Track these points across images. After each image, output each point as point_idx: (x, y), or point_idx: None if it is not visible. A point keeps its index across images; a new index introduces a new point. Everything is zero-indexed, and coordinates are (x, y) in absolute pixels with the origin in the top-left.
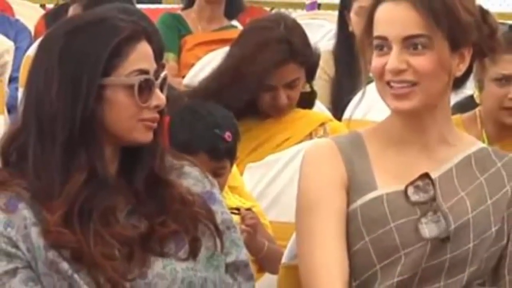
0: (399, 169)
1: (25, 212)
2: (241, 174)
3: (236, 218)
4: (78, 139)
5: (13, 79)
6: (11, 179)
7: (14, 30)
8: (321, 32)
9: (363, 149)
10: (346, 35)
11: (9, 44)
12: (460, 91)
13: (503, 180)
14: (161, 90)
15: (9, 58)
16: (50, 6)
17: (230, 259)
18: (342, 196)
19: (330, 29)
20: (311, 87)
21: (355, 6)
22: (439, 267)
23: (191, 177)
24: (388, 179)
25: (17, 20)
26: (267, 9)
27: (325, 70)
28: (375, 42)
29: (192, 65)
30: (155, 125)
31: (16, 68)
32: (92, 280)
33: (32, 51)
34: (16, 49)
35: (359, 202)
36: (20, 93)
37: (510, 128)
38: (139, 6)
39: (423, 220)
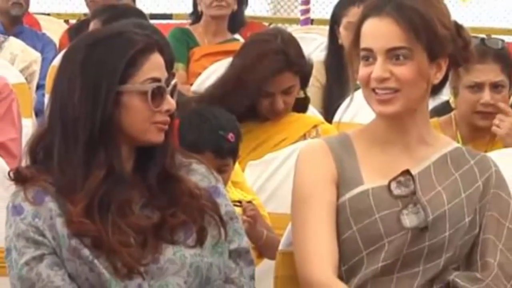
0: (383, 166)
1: (50, 204)
2: (243, 170)
3: (238, 210)
4: (98, 140)
5: (40, 86)
6: (38, 175)
7: (41, 42)
8: (314, 44)
9: (351, 149)
10: (336, 47)
11: (37, 55)
12: (437, 97)
13: (476, 176)
14: (172, 96)
15: (36, 67)
16: (73, 21)
17: (233, 246)
18: (333, 190)
19: (322, 42)
20: (305, 93)
21: (344, 21)
22: (418, 253)
23: (198, 173)
24: (373, 175)
25: (43, 34)
26: (266, 24)
27: (318, 78)
28: (362, 53)
29: (199, 74)
30: (166, 127)
31: (42, 76)
32: (110, 265)
33: (57, 61)
34: (43, 59)
35: (348, 195)
36: (46, 99)
37: (481, 130)
38: (152, 21)
39: (404, 211)
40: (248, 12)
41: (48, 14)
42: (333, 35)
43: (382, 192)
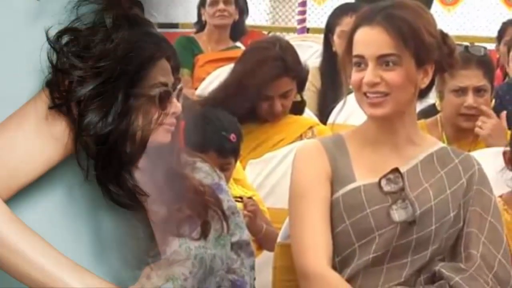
0: (374, 165)
1: None
2: (244, 168)
3: (239, 205)
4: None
5: None
6: None
7: None
8: (309, 51)
9: (344, 148)
10: (330, 54)
11: None
12: (424, 100)
13: (460, 173)
14: (178, 99)
15: None
16: None
17: (234, 239)
18: (327, 187)
19: (317, 49)
20: (301, 97)
21: (337, 30)
22: (407, 246)
23: (202, 171)
24: (365, 173)
25: None
26: (265, 32)
27: (313, 83)
28: (354, 60)
29: (203, 79)
30: (173, 128)
31: None
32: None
33: None
34: None
35: (341, 192)
36: None
37: (465, 131)
38: (159, 30)
39: (394, 206)
40: (249, 21)
41: None
42: (327, 43)
43: (373, 188)
